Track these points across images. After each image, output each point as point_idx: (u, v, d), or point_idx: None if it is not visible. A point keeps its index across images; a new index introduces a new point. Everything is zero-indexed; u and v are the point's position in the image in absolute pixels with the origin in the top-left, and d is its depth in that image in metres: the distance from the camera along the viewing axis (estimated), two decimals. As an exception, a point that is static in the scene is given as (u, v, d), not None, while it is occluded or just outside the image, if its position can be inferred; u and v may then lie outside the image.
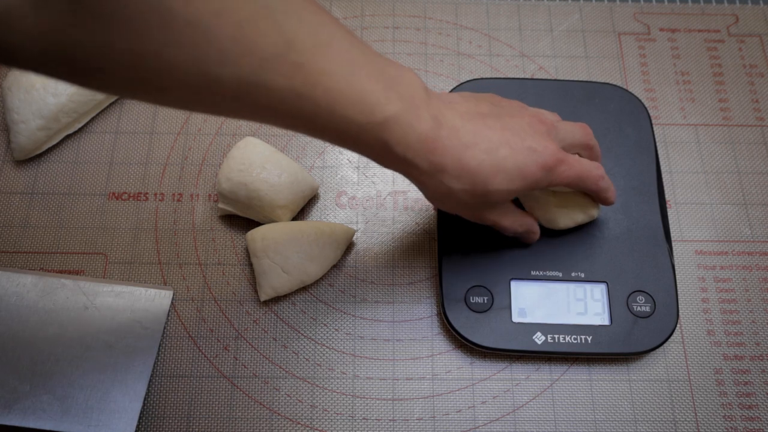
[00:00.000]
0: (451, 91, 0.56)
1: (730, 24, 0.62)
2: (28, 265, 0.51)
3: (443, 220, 0.51)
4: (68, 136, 0.56)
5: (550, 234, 0.51)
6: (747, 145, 0.57)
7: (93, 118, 0.57)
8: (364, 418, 0.48)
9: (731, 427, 0.48)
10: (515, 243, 0.51)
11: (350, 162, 0.56)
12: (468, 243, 0.50)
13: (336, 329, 0.50)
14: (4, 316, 0.48)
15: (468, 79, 0.57)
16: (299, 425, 0.47)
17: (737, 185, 0.55)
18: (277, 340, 0.50)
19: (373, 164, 0.56)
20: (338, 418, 0.48)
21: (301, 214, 0.54)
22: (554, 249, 0.50)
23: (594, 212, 0.50)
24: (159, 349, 0.49)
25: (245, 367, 0.49)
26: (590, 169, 0.45)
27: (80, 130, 0.56)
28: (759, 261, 0.53)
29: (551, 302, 0.49)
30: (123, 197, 0.54)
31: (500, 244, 0.50)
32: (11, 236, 0.52)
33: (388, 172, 0.55)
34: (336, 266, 0.52)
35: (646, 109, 0.55)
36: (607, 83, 0.56)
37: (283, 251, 0.49)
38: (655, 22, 0.62)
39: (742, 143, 0.57)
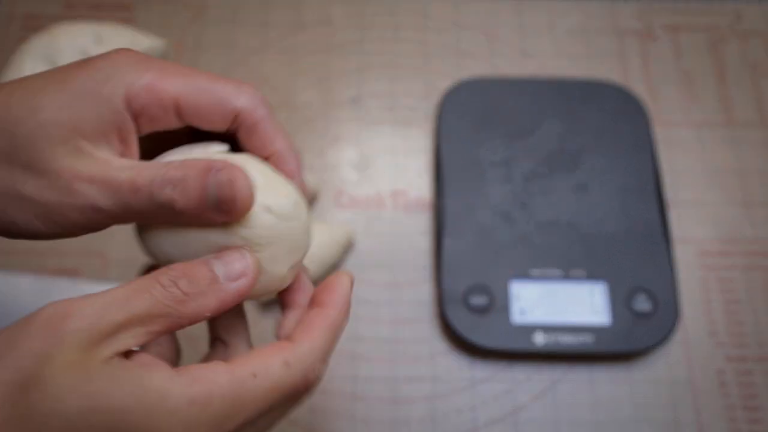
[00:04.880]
0: (450, 90, 0.56)
1: (733, 22, 0.61)
2: (25, 266, 0.51)
3: (443, 219, 0.51)
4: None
5: (550, 233, 0.51)
6: (750, 144, 0.56)
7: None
8: (364, 420, 0.47)
9: (734, 429, 0.47)
10: (514, 243, 0.50)
11: (350, 162, 0.56)
12: (467, 243, 0.50)
13: (335, 330, 0.50)
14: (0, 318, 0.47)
15: (467, 77, 0.56)
16: (299, 427, 0.47)
17: (740, 185, 0.55)
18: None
19: (373, 164, 0.55)
20: (338, 419, 0.47)
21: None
22: (554, 248, 0.50)
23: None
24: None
25: (244, 368, 0.48)
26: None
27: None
28: (762, 262, 0.52)
29: (551, 302, 0.49)
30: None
31: (499, 244, 0.50)
32: (9, 236, 0.52)
33: (388, 172, 0.55)
34: (336, 267, 0.52)
35: (643, 107, 0.55)
36: (604, 82, 0.56)
37: None
38: (657, 20, 0.61)
39: (745, 143, 0.57)
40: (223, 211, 0.26)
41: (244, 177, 0.26)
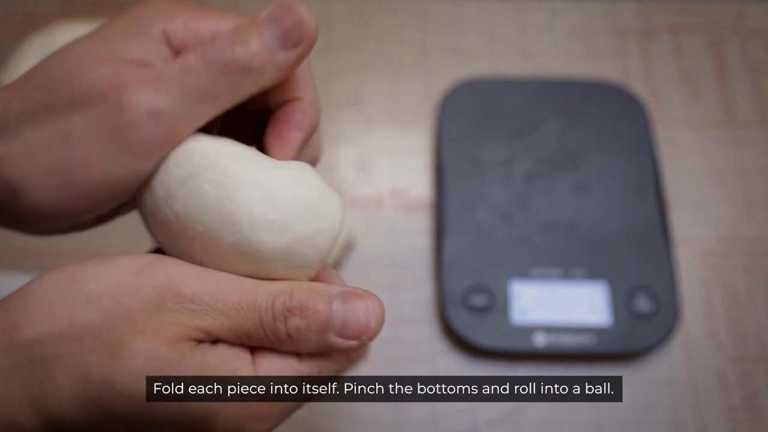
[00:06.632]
0: (450, 90, 0.56)
1: (734, 22, 0.61)
2: (23, 266, 0.51)
3: (443, 219, 0.51)
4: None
5: (550, 232, 0.50)
6: (751, 144, 0.56)
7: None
8: (364, 420, 0.47)
9: (735, 430, 0.47)
10: (514, 242, 0.50)
11: (350, 162, 0.55)
12: (467, 243, 0.50)
13: (335, 330, 0.50)
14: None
15: (467, 77, 0.56)
16: (299, 426, 0.47)
17: (741, 185, 0.55)
18: (275, 340, 0.49)
19: (373, 164, 0.55)
20: (338, 419, 0.47)
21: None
22: (554, 248, 0.50)
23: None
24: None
25: (243, 368, 0.48)
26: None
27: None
28: (763, 262, 0.52)
29: (551, 302, 0.48)
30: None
31: (499, 244, 0.50)
32: (4, 235, 0.52)
33: (388, 172, 0.55)
34: (335, 266, 0.52)
35: (643, 106, 0.55)
36: (604, 81, 0.56)
37: None
38: (657, 20, 0.61)
39: (746, 142, 0.56)
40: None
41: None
